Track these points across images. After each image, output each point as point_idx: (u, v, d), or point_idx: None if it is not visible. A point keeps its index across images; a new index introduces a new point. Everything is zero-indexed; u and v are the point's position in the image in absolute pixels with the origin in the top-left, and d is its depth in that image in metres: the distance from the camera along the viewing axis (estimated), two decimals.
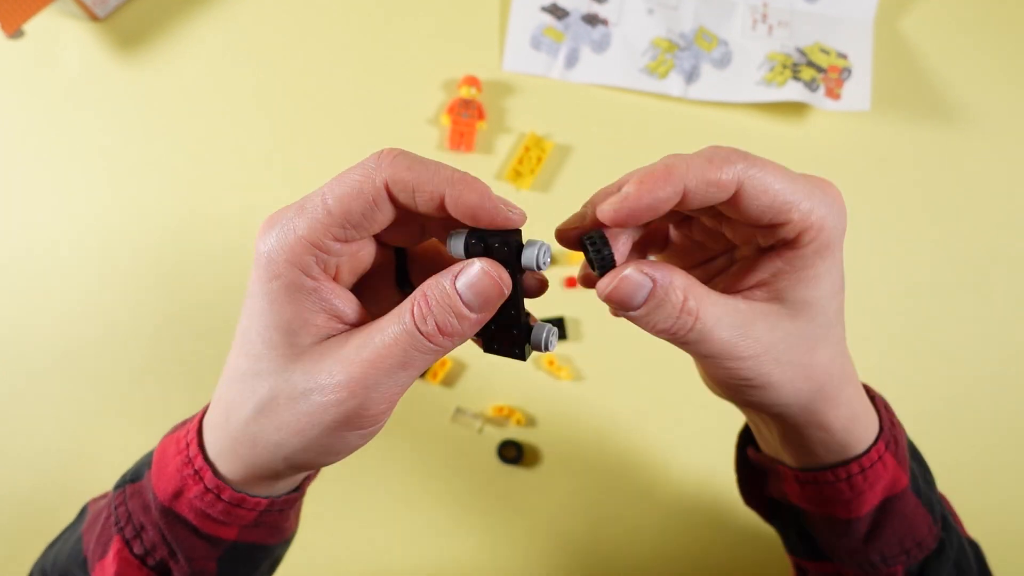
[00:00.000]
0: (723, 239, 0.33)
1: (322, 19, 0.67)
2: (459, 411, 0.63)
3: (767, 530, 0.46)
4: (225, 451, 0.31)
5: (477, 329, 0.28)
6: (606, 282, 0.27)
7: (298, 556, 0.62)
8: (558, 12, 0.68)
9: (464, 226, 0.29)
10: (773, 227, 0.28)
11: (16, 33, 0.60)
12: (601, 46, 0.67)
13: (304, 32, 0.67)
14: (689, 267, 0.35)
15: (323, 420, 0.28)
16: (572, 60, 0.67)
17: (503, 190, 0.65)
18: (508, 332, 0.30)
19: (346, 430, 0.28)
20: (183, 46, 0.66)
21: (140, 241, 0.64)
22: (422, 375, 0.62)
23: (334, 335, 0.28)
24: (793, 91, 0.64)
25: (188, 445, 0.32)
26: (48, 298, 0.63)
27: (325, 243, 0.27)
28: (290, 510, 0.35)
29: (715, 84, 0.67)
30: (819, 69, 0.65)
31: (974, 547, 0.41)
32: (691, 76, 0.67)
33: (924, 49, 0.68)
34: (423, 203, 0.27)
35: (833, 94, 0.65)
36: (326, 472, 0.62)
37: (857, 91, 0.66)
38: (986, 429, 0.64)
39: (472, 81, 0.65)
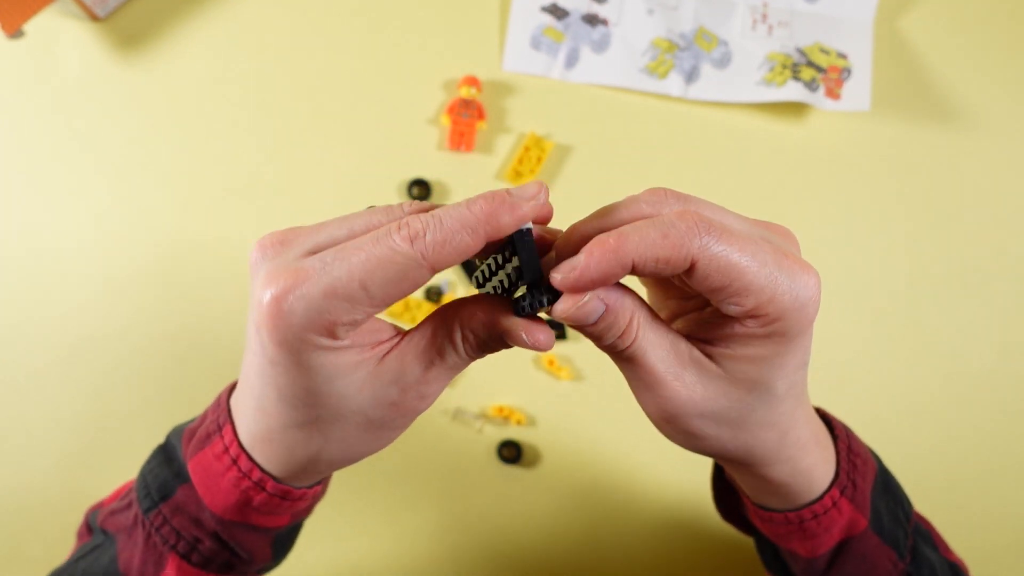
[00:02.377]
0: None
1: (322, 19, 0.67)
2: (459, 411, 0.63)
3: None
4: (282, 466, 0.33)
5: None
6: (568, 304, 0.28)
7: (297, 555, 0.62)
8: (558, 12, 0.68)
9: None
10: (729, 305, 0.28)
11: (16, 33, 0.60)
12: (601, 46, 0.67)
13: (304, 32, 0.67)
14: (666, 300, 0.35)
15: (384, 438, 0.31)
16: (572, 60, 0.67)
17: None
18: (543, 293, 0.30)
19: (404, 423, 0.31)
20: (183, 46, 0.66)
21: (140, 241, 0.64)
22: None
23: (382, 358, 0.29)
24: (793, 91, 0.64)
25: (236, 460, 0.33)
26: (47, 298, 0.63)
27: (355, 315, 0.26)
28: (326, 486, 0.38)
29: (715, 84, 0.67)
30: (819, 69, 0.65)
31: (955, 569, 0.41)
32: (691, 76, 0.67)
33: (924, 49, 0.68)
34: (469, 255, 0.27)
35: (833, 94, 0.65)
36: None
37: (857, 91, 0.66)
38: (987, 429, 0.64)
39: (472, 81, 0.65)
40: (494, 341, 0.29)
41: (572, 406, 0.63)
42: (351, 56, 0.66)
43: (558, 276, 0.27)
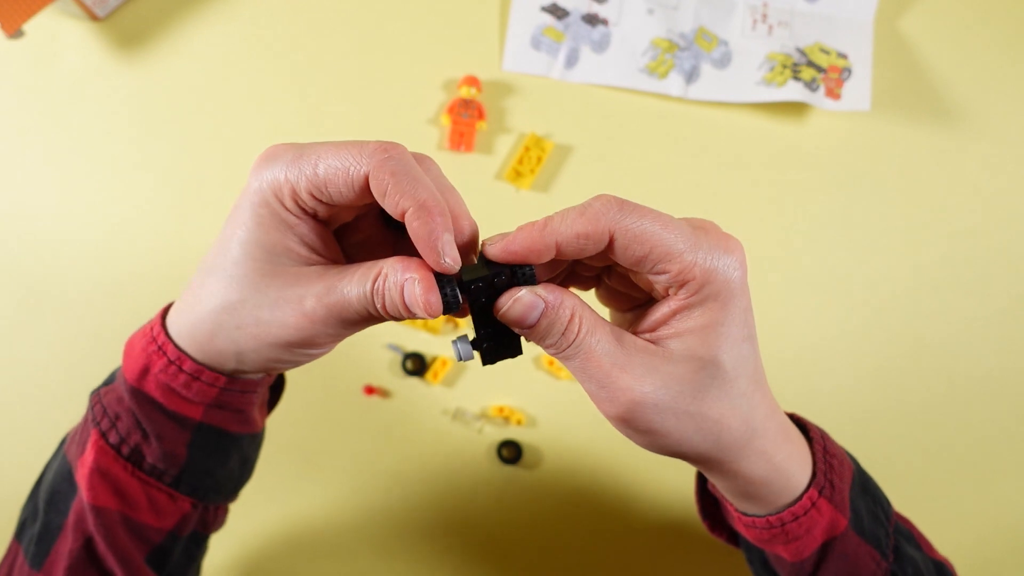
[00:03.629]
0: (638, 287, 0.34)
1: (322, 19, 0.67)
2: (459, 411, 0.63)
3: None
4: (184, 334, 0.34)
5: (419, 317, 0.30)
6: (504, 301, 0.30)
7: (296, 555, 0.62)
8: (558, 12, 0.68)
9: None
10: (657, 275, 0.30)
11: (16, 33, 0.60)
12: (601, 46, 0.67)
13: (303, 32, 0.67)
14: (616, 311, 0.37)
15: (278, 337, 0.32)
16: (572, 60, 0.67)
17: (503, 190, 0.65)
18: (497, 337, 0.32)
19: (295, 349, 0.32)
20: (183, 46, 0.66)
21: (140, 241, 0.64)
22: (422, 374, 0.62)
23: (310, 265, 0.32)
24: (793, 91, 0.64)
25: (152, 327, 0.36)
26: (47, 298, 0.63)
27: (304, 198, 0.30)
28: (251, 395, 0.37)
29: (715, 84, 0.67)
30: (819, 69, 0.65)
31: (940, 568, 0.41)
32: (691, 76, 0.67)
33: (924, 49, 0.68)
34: (388, 207, 0.30)
35: (833, 94, 0.65)
36: (323, 473, 0.62)
37: (857, 91, 0.66)
38: (987, 429, 0.64)
39: (472, 81, 0.65)
40: (397, 289, 0.30)
41: (572, 406, 0.63)
42: (351, 56, 0.66)
43: (489, 246, 0.30)
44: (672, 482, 0.63)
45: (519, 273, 0.30)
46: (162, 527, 0.38)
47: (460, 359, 0.32)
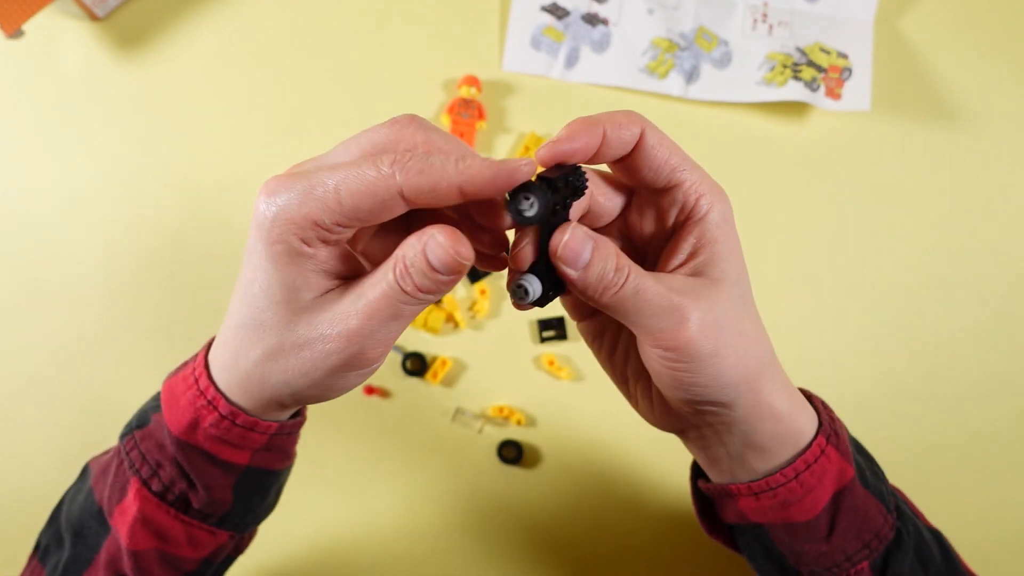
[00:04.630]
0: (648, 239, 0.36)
1: (322, 19, 0.67)
2: (459, 411, 0.63)
3: None
4: (234, 387, 0.34)
5: (455, 284, 0.29)
6: (559, 237, 0.30)
7: (295, 555, 0.62)
8: (558, 12, 0.68)
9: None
10: (671, 189, 0.33)
11: (16, 33, 0.60)
12: (601, 46, 0.67)
13: (303, 32, 0.67)
14: (580, 320, 0.39)
15: (326, 364, 0.31)
16: (572, 60, 0.67)
17: None
18: (549, 276, 0.32)
19: (346, 371, 0.31)
20: (183, 46, 0.66)
21: (140, 240, 0.64)
22: (422, 374, 0.62)
23: (332, 289, 0.31)
24: (793, 91, 0.64)
25: (197, 380, 0.35)
26: (48, 297, 0.63)
27: (330, 226, 0.29)
28: (296, 433, 0.38)
29: (715, 84, 0.67)
30: (819, 69, 0.65)
31: (936, 535, 0.41)
32: (691, 76, 0.67)
33: (924, 49, 0.68)
34: (442, 200, 0.29)
35: (833, 94, 0.65)
36: (324, 473, 0.62)
37: (857, 91, 0.66)
38: (987, 429, 0.64)
39: (472, 81, 0.65)
40: (424, 265, 0.29)
41: (572, 406, 0.63)
42: (351, 56, 0.66)
43: (542, 150, 0.30)
44: (672, 482, 0.63)
45: (574, 179, 0.31)
46: (198, 557, 0.39)
47: (526, 299, 0.31)
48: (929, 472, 0.64)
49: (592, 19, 0.68)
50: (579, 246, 0.30)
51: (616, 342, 0.38)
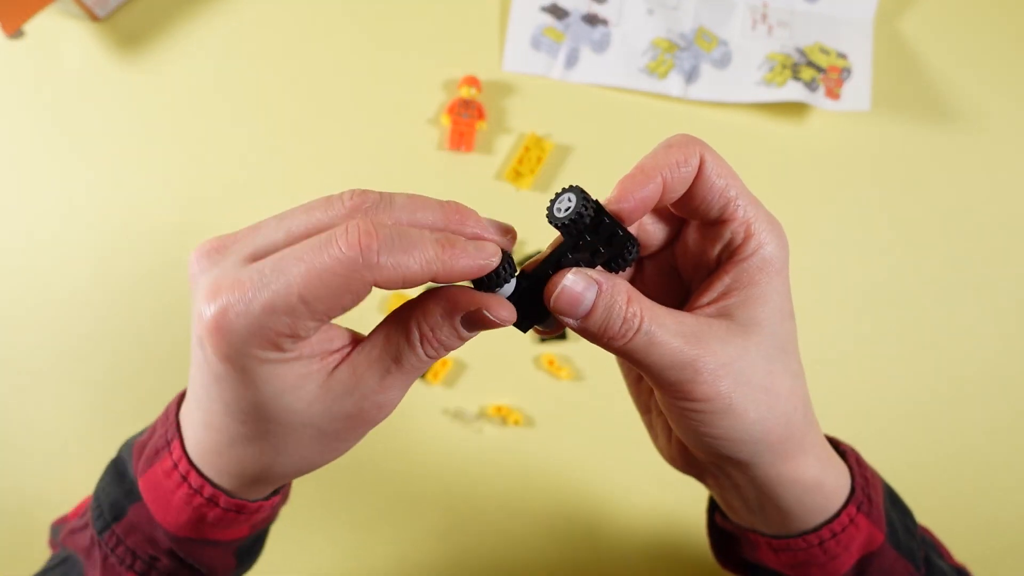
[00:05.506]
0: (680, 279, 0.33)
1: (322, 19, 0.67)
2: (459, 411, 0.63)
3: None
4: (237, 488, 0.32)
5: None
6: (556, 282, 0.28)
7: (295, 556, 0.62)
8: (558, 12, 0.68)
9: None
10: (722, 223, 0.29)
11: (16, 33, 0.60)
12: (601, 46, 0.67)
13: (304, 32, 0.67)
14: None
15: (337, 449, 0.29)
16: (572, 60, 0.67)
17: (503, 190, 0.65)
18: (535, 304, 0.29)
19: (357, 435, 0.30)
20: (183, 46, 0.66)
21: (139, 240, 0.64)
22: (423, 375, 0.62)
23: (338, 366, 0.28)
24: (793, 91, 0.64)
25: (186, 477, 0.32)
26: (47, 298, 0.63)
27: (298, 330, 0.25)
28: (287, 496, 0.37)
29: (715, 84, 0.67)
30: (819, 69, 0.65)
31: (961, 574, 0.40)
32: (691, 76, 0.67)
33: (924, 49, 0.68)
34: (413, 286, 0.26)
35: (833, 94, 0.65)
36: (325, 474, 0.62)
37: (857, 91, 0.66)
38: (986, 429, 0.64)
39: (472, 81, 0.65)
40: (452, 333, 0.27)
41: (572, 406, 0.63)
42: (351, 56, 0.66)
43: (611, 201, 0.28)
44: (672, 482, 0.62)
45: (619, 244, 0.28)
46: None
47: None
48: (929, 472, 0.64)
49: (592, 19, 0.68)
50: (575, 296, 0.27)
51: None
